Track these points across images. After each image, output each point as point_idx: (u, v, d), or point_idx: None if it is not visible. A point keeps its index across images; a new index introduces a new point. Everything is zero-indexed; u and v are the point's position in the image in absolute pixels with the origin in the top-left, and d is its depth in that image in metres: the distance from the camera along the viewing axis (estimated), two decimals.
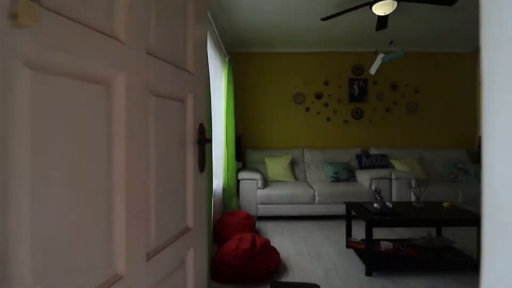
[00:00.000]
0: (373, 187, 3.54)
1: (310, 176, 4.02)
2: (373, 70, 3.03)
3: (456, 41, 4.24)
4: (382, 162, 4.08)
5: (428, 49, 4.43)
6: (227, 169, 3.30)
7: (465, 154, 4.29)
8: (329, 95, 4.40)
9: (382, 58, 2.90)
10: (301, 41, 4.10)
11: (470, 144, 4.58)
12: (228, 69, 3.36)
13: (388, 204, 2.34)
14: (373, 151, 4.29)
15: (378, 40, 4.09)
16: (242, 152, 4.29)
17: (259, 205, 3.44)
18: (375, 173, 3.56)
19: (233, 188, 3.40)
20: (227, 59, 3.36)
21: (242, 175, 3.46)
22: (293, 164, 4.09)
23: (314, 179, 3.97)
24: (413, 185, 3.54)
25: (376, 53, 3.14)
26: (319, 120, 4.41)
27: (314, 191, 3.44)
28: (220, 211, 3.17)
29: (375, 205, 2.33)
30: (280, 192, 3.41)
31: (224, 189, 3.33)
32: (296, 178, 3.98)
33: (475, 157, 4.40)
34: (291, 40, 4.05)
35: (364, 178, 3.64)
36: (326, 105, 4.41)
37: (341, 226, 3.28)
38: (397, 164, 4.08)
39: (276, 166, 3.90)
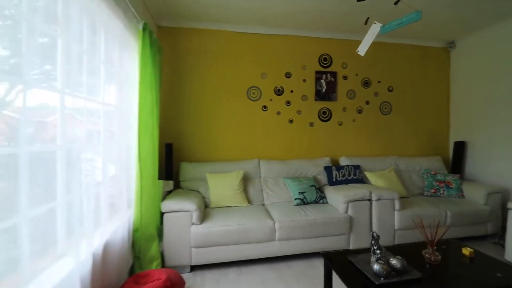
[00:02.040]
0: (350, 212, 2.67)
1: (268, 198, 3.01)
2: (363, 49, 2.13)
3: (430, 34, 3.66)
4: (356, 176, 3.28)
5: (402, 40, 3.79)
6: (141, 198, 2.10)
7: (441, 162, 3.75)
8: (291, 91, 3.47)
9: (382, 28, 2.01)
10: (257, 17, 3.07)
11: (444, 151, 4.09)
12: (144, 43, 2.16)
13: (394, 262, 1.43)
14: (344, 161, 3.47)
15: (354, 24, 3.27)
16: (175, 167, 3.09)
17: (193, 249, 2.30)
18: (351, 193, 2.70)
19: (153, 226, 2.21)
20: (141, 27, 2.16)
21: (168, 205, 2.28)
22: (246, 182, 3.04)
23: (274, 202, 2.97)
24: (397, 207, 2.77)
25: (367, 23, 2.24)
26: (280, 122, 3.45)
27: (274, 223, 2.44)
28: (125, 272, 1.96)
29: (376, 266, 1.39)
30: (225, 227, 2.33)
31: (136, 231, 2.12)
32: (249, 202, 2.94)
33: (450, 165, 3.90)
34: (244, 14, 3.00)
35: (337, 200, 2.76)
36: (288, 103, 3.46)
37: (315, 270, 2.33)
38: (372, 177, 3.31)
39: (222, 185, 2.80)
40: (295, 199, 2.84)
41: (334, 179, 3.23)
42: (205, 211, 2.62)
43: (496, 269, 1.55)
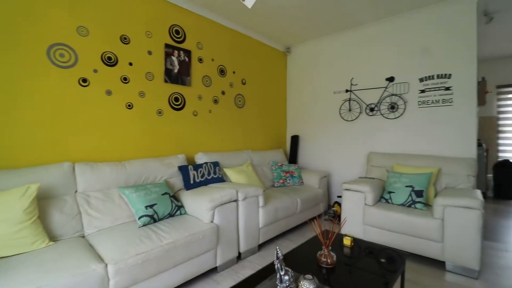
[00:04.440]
0: (216, 220, 2.14)
1: (91, 224, 1.87)
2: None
3: (274, 38, 3.88)
4: (216, 174, 2.82)
5: (256, 36, 3.77)
6: None
7: (283, 154, 4.08)
8: (130, 63, 2.47)
9: None
10: None
11: (284, 144, 4.52)
12: None
13: (305, 284, 1.00)
14: (201, 158, 2.92)
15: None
16: None
17: None
18: (217, 195, 2.17)
19: None
20: None
21: None
22: (44, 204, 1.75)
23: (103, 229, 1.90)
24: (261, 203, 2.56)
25: None
26: (111, 105, 2.36)
27: (106, 266, 1.45)
28: None
29: None
30: None
31: None
32: (53, 237, 1.69)
33: (289, 156, 4.36)
34: None
35: (200, 207, 2.15)
36: (125, 79, 2.43)
37: None
38: (232, 174, 2.99)
39: (5, 212, 1.42)
40: (141, 217, 1.94)
41: (192, 181, 2.60)
42: None
43: (377, 254, 1.54)
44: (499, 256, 2.49)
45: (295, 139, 4.31)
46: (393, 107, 3.33)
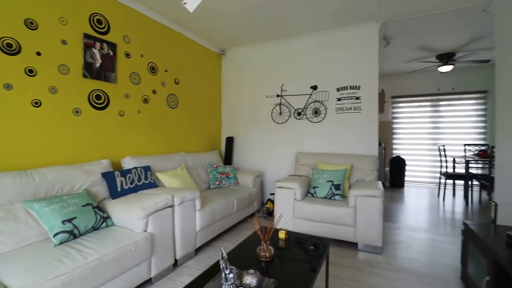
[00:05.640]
0: (150, 228, 2.01)
1: None
2: (193, 2, 1.50)
3: (208, 38, 3.87)
4: (148, 180, 2.64)
5: (190, 35, 3.66)
6: None
7: (218, 156, 4.11)
8: (38, 53, 2.08)
9: None
10: None
11: (219, 146, 4.54)
12: None
13: (249, 279, 1.07)
14: (129, 162, 2.68)
15: None
16: None
17: None
18: (151, 202, 2.05)
19: None
20: None
21: None
22: None
23: (5, 252, 1.56)
24: (197, 207, 2.53)
25: None
26: (12, 104, 1.95)
27: None
28: None
29: None
30: None
31: None
32: None
33: (224, 158, 4.40)
34: None
35: (131, 216, 1.98)
36: (30, 72, 2.04)
37: None
38: (165, 178, 2.86)
39: None
40: (57, 233, 1.67)
41: (119, 189, 2.36)
42: None
43: (305, 244, 1.72)
44: (395, 234, 3.12)
45: (230, 141, 4.38)
46: (316, 112, 3.76)
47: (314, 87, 3.76)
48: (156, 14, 3.13)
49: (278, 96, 4.04)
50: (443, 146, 5.09)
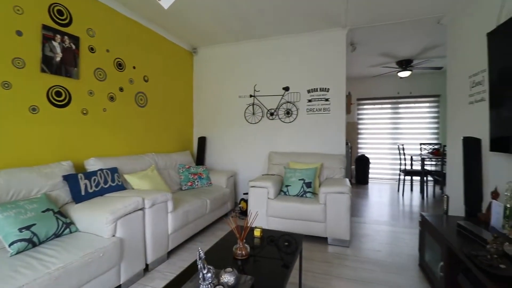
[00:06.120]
0: (119, 233, 1.91)
1: None
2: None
3: (179, 36, 3.78)
4: (115, 182, 2.51)
5: (158, 30, 3.53)
6: None
7: (190, 156, 4.03)
8: None
9: None
10: None
11: (190, 146, 4.45)
12: None
13: (226, 277, 1.08)
14: (94, 164, 2.52)
15: None
16: None
17: None
18: (120, 205, 1.95)
19: None
20: None
21: None
22: None
23: None
24: (170, 209, 2.46)
25: None
26: None
27: None
28: None
29: None
30: None
31: None
32: None
33: (196, 158, 4.33)
34: None
35: (98, 221, 1.87)
36: None
37: None
38: (134, 180, 2.74)
39: None
40: (13, 242, 1.52)
41: (83, 192, 2.21)
42: None
43: (278, 241, 1.77)
44: (361, 227, 3.32)
45: (202, 141, 4.32)
46: (288, 112, 3.85)
47: (286, 88, 3.85)
48: (123, 7, 2.98)
49: (251, 96, 4.07)
50: (402, 145, 5.52)
